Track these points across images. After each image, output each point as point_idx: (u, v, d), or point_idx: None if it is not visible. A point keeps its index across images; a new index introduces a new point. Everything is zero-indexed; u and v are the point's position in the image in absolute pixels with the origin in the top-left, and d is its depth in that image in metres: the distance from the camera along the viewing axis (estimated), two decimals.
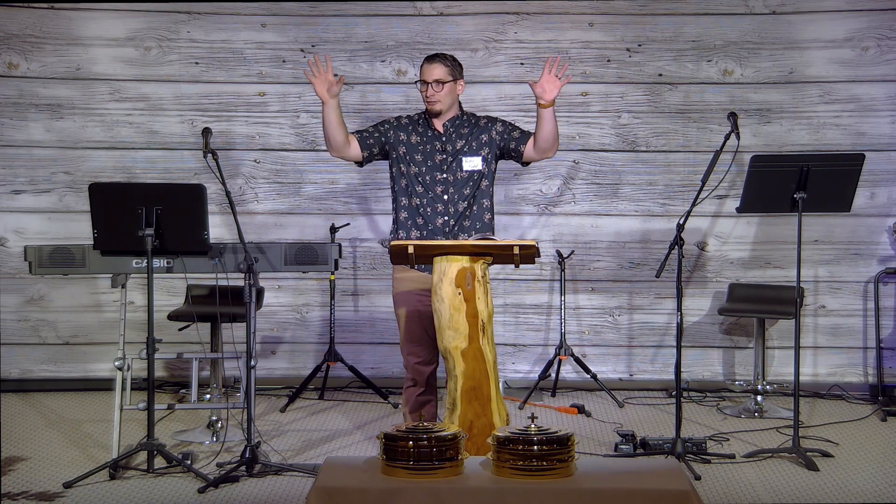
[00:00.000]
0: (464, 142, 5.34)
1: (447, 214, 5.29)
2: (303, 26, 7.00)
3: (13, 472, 5.38)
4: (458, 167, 5.32)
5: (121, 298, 5.62)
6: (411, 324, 5.27)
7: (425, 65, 5.32)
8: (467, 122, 5.40)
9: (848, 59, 6.87)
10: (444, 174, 5.30)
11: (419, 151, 5.33)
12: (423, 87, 5.31)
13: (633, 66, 6.97)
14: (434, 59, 5.32)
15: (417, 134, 5.36)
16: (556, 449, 3.90)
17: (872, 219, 6.93)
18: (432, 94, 5.29)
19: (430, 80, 5.29)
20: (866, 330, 6.97)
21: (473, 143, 5.36)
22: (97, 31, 6.96)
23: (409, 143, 5.34)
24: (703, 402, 6.82)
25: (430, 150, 5.33)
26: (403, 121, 5.40)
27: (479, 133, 5.38)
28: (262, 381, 7.01)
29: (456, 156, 5.32)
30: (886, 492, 5.10)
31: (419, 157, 5.32)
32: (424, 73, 5.31)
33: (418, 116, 5.43)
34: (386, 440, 3.96)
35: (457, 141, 5.34)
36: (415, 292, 5.23)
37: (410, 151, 5.33)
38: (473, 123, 5.41)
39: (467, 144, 5.35)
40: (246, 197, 7.05)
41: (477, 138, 5.37)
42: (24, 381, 7.08)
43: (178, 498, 4.99)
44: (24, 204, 7.02)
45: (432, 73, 5.29)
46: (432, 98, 5.29)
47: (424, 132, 5.36)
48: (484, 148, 5.36)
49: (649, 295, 7.05)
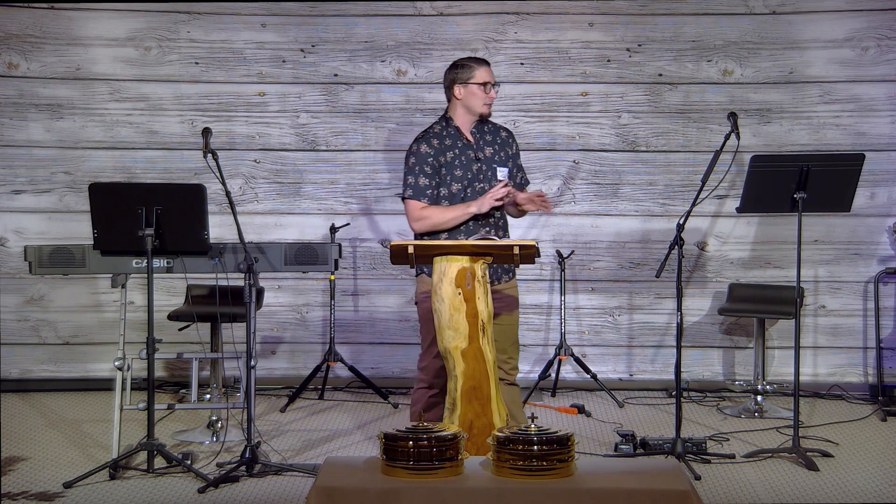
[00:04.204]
0: (492, 150, 5.22)
1: (488, 226, 5.16)
2: (303, 26, 7.00)
3: (13, 472, 5.38)
4: (493, 175, 5.19)
5: (121, 298, 5.62)
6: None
7: (486, 67, 5.18)
8: (487, 129, 5.26)
9: (848, 59, 6.87)
10: (482, 183, 5.15)
11: (457, 166, 5.14)
12: (487, 90, 5.16)
13: (633, 66, 6.97)
14: (488, 62, 5.23)
15: (450, 148, 5.16)
16: (556, 449, 3.90)
17: (872, 219, 6.93)
18: (494, 97, 5.20)
19: (494, 80, 5.19)
20: (866, 330, 6.97)
21: (501, 154, 5.25)
22: (97, 31, 6.96)
23: (448, 164, 5.14)
24: (703, 402, 6.82)
25: (465, 161, 5.15)
26: (434, 143, 5.14)
27: (503, 145, 5.27)
28: (262, 381, 7.01)
29: (489, 164, 5.20)
30: (886, 492, 5.10)
31: (458, 171, 5.13)
32: (488, 74, 5.17)
33: (441, 128, 5.21)
34: (386, 440, 3.96)
35: (485, 148, 5.21)
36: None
37: (450, 170, 5.14)
38: (494, 131, 5.28)
39: (496, 154, 5.23)
40: (246, 197, 7.05)
41: (504, 149, 5.27)
42: (24, 381, 7.08)
43: (178, 498, 4.99)
44: (24, 204, 7.02)
45: (493, 75, 5.19)
46: (492, 101, 5.20)
47: (455, 143, 5.17)
48: (509, 161, 5.28)
49: (649, 295, 7.05)
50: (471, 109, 5.18)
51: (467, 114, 5.20)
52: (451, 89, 5.21)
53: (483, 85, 5.15)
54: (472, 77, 5.16)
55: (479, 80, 5.16)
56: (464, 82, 5.17)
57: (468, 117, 5.21)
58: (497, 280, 5.18)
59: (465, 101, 5.17)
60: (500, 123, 5.38)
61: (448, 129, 5.20)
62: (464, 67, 5.19)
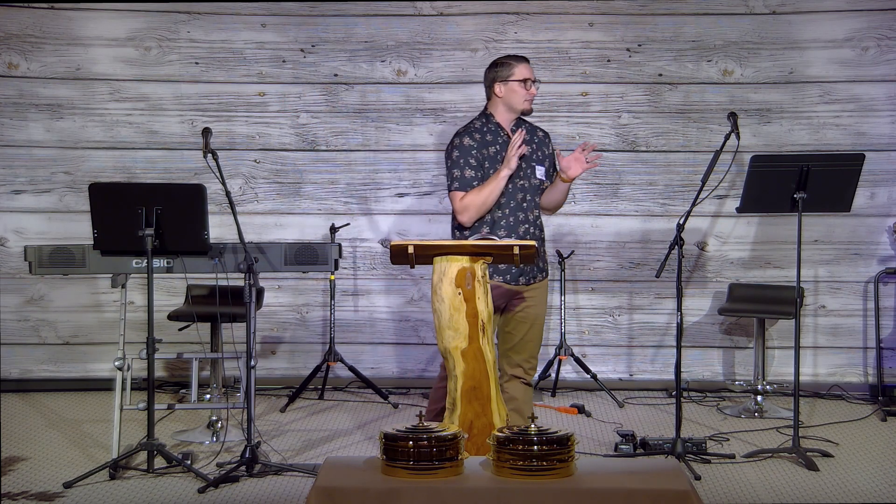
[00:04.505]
0: (530, 148, 5.21)
1: (527, 222, 5.16)
2: (303, 26, 7.00)
3: (13, 472, 5.38)
4: (533, 174, 5.19)
5: (121, 298, 5.62)
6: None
7: (525, 64, 5.18)
8: (526, 129, 5.24)
9: (848, 59, 6.87)
10: (522, 180, 5.14)
11: (499, 161, 5.11)
12: (529, 86, 5.16)
13: (633, 66, 6.97)
14: (528, 60, 5.23)
15: (491, 143, 5.14)
16: (556, 449, 3.90)
17: (872, 219, 6.93)
18: (535, 94, 5.20)
19: (534, 77, 5.19)
20: (866, 330, 6.97)
21: (539, 153, 5.25)
22: (97, 31, 6.96)
23: (490, 158, 5.13)
24: (703, 402, 6.82)
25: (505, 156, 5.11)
26: (477, 136, 5.14)
27: (541, 144, 5.28)
28: (262, 381, 7.01)
29: (528, 161, 5.19)
30: (886, 492, 5.10)
31: (500, 166, 5.09)
32: (529, 71, 5.17)
33: (481, 124, 5.19)
34: (386, 440, 3.96)
35: (524, 145, 5.18)
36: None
37: (493, 164, 5.11)
38: (531, 131, 5.28)
39: (534, 152, 5.23)
40: (246, 197, 7.05)
41: (541, 149, 5.27)
42: (24, 381, 7.08)
43: (178, 498, 4.99)
44: (24, 204, 7.02)
45: (533, 72, 5.20)
46: (533, 98, 5.19)
47: (495, 139, 5.16)
48: (546, 161, 5.28)
49: (649, 295, 7.05)
50: (512, 107, 5.18)
51: (508, 111, 5.20)
52: (491, 87, 5.20)
53: (523, 81, 5.15)
54: (511, 74, 5.16)
55: (519, 76, 5.16)
56: (504, 80, 5.17)
57: (509, 115, 5.21)
58: (533, 279, 5.20)
59: (506, 98, 5.17)
60: (536, 124, 5.38)
61: (489, 124, 5.20)
62: (503, 65, 5.19)
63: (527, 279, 5.18)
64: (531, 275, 5.19)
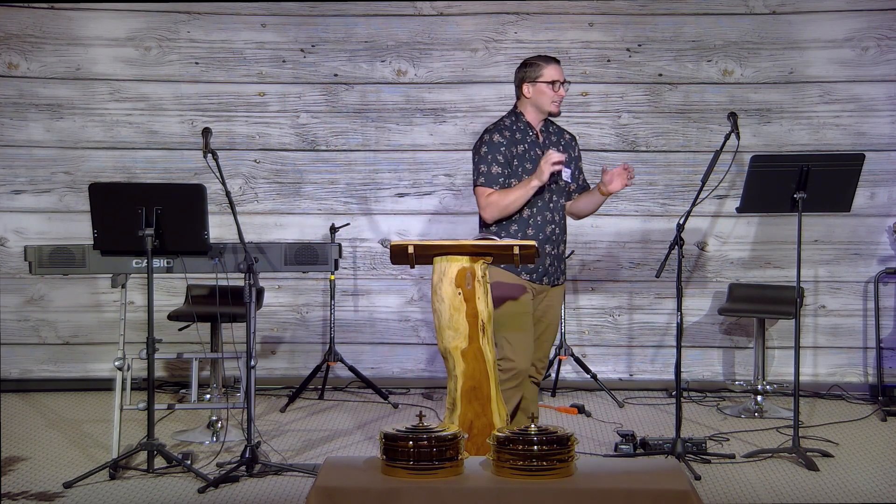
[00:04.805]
0: (558, 150, 5.18)
1: (553, 223, 5.15)
2: (303, 26, 7.00)
3: (13, 472, 5.38)
4: (559, 175, 5.17)
5: (121, 298, 5.62)
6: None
7: (555, 65, 5.13)
8: (552, 130, 5.25)
9: (848, 59, 6.87)
10: (550, 182, 5.10)
11: (528, 160, 5.11)
12: (557, 87, 5.11)
13: (633, 66, 6.97)
14: (558, 60, 5.17)
15: (520, 141, 5.12)
16: (556, 449, 3.90)
17: (872, 219, 6.93)
18: (563, 95, 5.16)
19: (563, 79, 5.14)
20: (866, 330, 6.97)
21: (566, 155, 5.20)
22: (97, 31, 6.96)
23: (519, 156, 5.11)
24: (703, 402, 6.82)
25: (534, 156, 5.12)
26: (506, 134, 5.12)
27: (567, 147, 5.26)
28: (262, 381, 7.01)
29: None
30: (886, 492, 5.10)
31: (529, 165, 5.10)
32: (558, 72, 5.13)
33: (511, 122, 5.17)
34: (386, 440, 3.96)
35: (551, 148, 5.17)
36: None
37: (522, 162, 5.11)
38: (558, 133, 5.27)
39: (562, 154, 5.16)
40: (246, 197, 7.05)
41: (567, 151, 5.24)
42: (24, 381, 7.08)
43: (178, 498, 4.99)
44: (24, 204, 7.02)
45: (563, 73, 5.16)
46: (562, 100, 5.15)
47: (524, 137, 5.14)
48: (572, 163, 5.27)
49: (649, 295, 7.05)
50: (540, 108, 5.16)
51: (537, 112, 5.18)
52: (520, 87, 5.18)
53: (552, 83, 5.12)
54: (540, 76, 5.13)
55: (547, 78, 5.12)
56: (532, 81, 5.14)
57: (537, 115, 5.19)
58: (556, 281, 5.22)
59: (535, 99, 5.15)
60: (563, 127, 5.36)
61: (518, 123, 5.18)
62: (532, 66, 5.15)
63: (551, 280, 5.19)
64: (555, 276, 5.20)
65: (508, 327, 5.09)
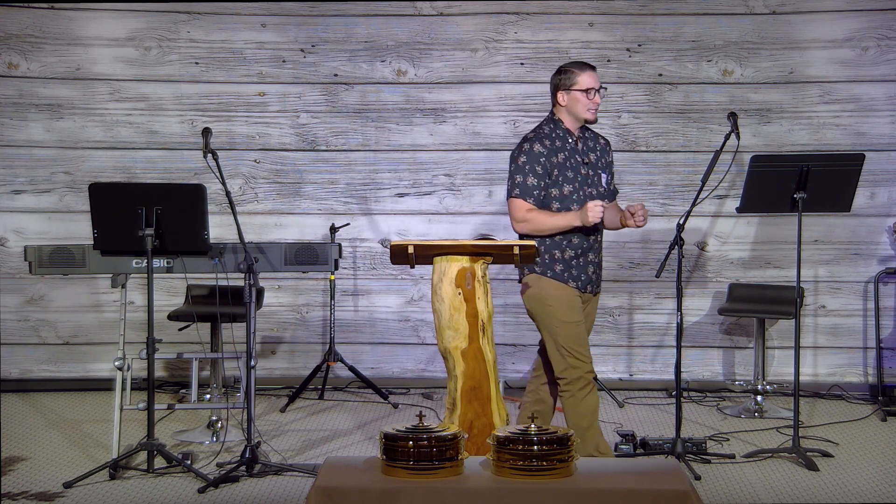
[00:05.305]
0: (595, 156, 5.16)
1: (596, 230, 5.11)
2: (303, 26, 7.00)
3: (13, 472, 5.38)
4: (599, 181, 5.14)
5: (121, 298, 5.62)
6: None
7: (590, 72, 5.05)
8: (588, 136, 5.19)
9: (848, 59, 6.87)
10: (590, 188, 5.09)
11: (568, 168, 5.05)
12: (593, 95, 5.04)
13: (633, 66, 6.97)
14: (593, 66, 5.10)
15: (560, 149, 5.06)
16: (556, 449, 3.90)
17: (872, 219, 6.93)
18: (599, 102, 5.08)
19: (598, 86, 5.05)
20: (866, 330, 6.97)
21: (602, 160, 5.20)
22: (97, 31, 6.96)
23: (560, 165, 5.04)
24: (703, 402, 6.82)
25: (574, 164, 5.07)
26: (546, 143, 5.04)
27: (603, 153, 5.21)
28: (262, 381, 7.01)
29: (594, 169, 5.13)
30: (886, 492, 5.10)
31: (570, 173, 5.04)
32: (593, 80, 5.04)
33: (550, 129, 5.10)
34: (386, 440, 3.96)
35: (588, 153, 5.14)
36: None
37: (562, 171, 5.04)
38: (594, 139, 5.21)
39: (599, 160, 5.17)
40: (246, 197, 7.05)
41: (603, 157, 5.21)
42: (24, 381, 7.08)
43: (178, 498, 4.99)
44: (24, 204, 7.02)
45: (598, 80, 5.07)
46: (598, 106, 5.09)
47: (564, 146, 5.07)
48: (608, 168, 5.23)
49: (649, 295, 7.05)
50: (575, 116, 5.08)
51: (573, 119, 5.11)
52: (555, 95, 5.11)
53: (586, 91, 5.05)
54: (574, 83, 5.05)
55: (581, 86, 5.04)
56: (567, 88, 5.07)
57: (574, 122, 5.12)
58: (597, 289, 5.20)
59: (570, 107, 5.08)
60: (598, 132, 5.31)
61: (557, 130, 5.10)
62: (566, 73, 5.08)
63: (593, 288, 5.18)
64: (597, 284, 5.19)
65: (567, 337, 5.04)
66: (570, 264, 5.05)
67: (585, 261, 5.09)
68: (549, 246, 5.05)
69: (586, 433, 5.05)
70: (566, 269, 5.04)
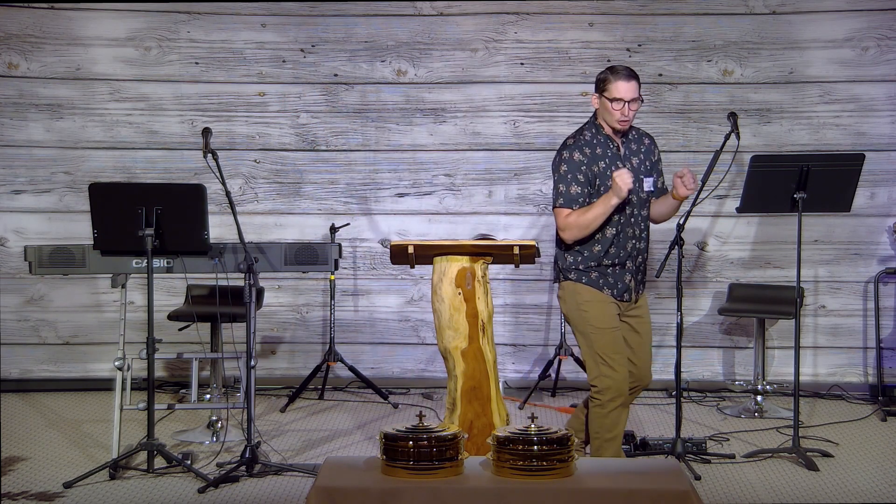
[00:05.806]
0: (638, 159, 5.06)
1: (635, 237, 5.02)
2: (303, 26, 7.00)
3: (13, 472, 5.38)
4: (641, 187, 5.02)
5: (121, 298, 5.62)
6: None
7: (623, 82, 4.88)
8: (632, 137, 5.07)
9: (848, 59, 6.87)
10: (632, 194, 4.93)
11: (609, 176, 4.90)
12: (620, 106, 4.87)
13: (633, 66, 6.93)
14: (632, 76, 4.92)
15: (601, 157, 4.94)
16: (556, 449, 3.90)
17: (872, 219, 6.93)
18: (630, 113, 4.90)
19: (629, 98, 4.88)
20: (866, 330, 6.97)
21: (647, 163, 5.09)
22: (97, 31, 6.96)
23: (601, 173, 4.93)
24: (703, 402, 6.82)
25: (615, 170, 4.89)
26: (587, 151, 4.93)
27: (648, 153, 5.11)
28: (262, 381, 7.01)
29: (637, 174, 4.99)
30: (886, 492, 5.10)
31: (610, 182, 4.89)
32: (623, 90, 4.87)
33: (591, 135, 4.98)
34: (386, 440, 3.96)
35: (632, 158, 5.04)
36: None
37: (603, 180, 4.92)
38: (637, 139, 5.09)
39: (642, 163, 5.06)
40: (246, 197, 7.05)
41: (648, 157, 5.10)
42: (24, 381, 7.08)
43: (178, 498, 4.99)
44: (24, 204, 7.02)
45: (631, 91, 4.88)
46: (630, 118, 4.92)
47: (605, 152, 4.95)
48: (654, 170, 5.13)
49: (649, 295, 7.04)
50: (607, 122, 4.98)
51: (608, 123, 5.00)
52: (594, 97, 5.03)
53: (613, 101, 4.90)
54: (606, 90, 4.93)
55: (610, 94, 4.91)
56: (600, 93, 4.97)
57: (609, 127, 5.01)
58: (638, 295, 5.09)
59: (601, 112, 4.99)
60: (644, 132, 5.21)
61: (598, 136, 4.99)
62: (602, 77, 4.97)
63: (632, 297, 5.04)
64: (636, 291, 5.07)
65: (601, 343, 4.93)
66: (607, 272, 4.96)
67: (623, 269, 4.99)
68: (585, 258, 4.94)
69: (605, 443, 4.98)
70: (602, 276, 4.95)
